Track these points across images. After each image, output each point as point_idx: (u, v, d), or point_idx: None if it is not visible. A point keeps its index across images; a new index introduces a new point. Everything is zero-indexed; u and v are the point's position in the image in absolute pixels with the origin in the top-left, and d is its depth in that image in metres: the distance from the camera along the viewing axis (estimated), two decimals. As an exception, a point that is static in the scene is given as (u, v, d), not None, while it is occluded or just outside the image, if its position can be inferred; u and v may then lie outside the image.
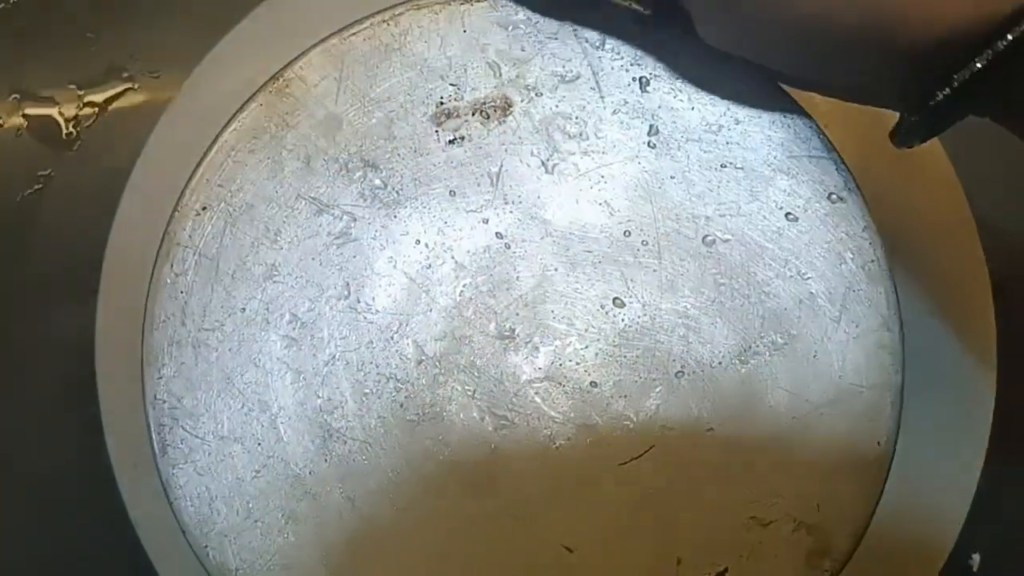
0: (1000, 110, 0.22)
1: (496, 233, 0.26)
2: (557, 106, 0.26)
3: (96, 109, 0.36)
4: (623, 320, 0.26)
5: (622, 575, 0.24)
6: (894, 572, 0.26)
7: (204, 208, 0.26)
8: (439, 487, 0.25)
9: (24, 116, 0.36)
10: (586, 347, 0.25)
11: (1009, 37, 0.19)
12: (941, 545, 0.27)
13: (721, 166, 0.26)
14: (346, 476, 0.25)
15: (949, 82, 0.20)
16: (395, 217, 0.26)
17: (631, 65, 0.26)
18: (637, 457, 0.25)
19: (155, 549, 0.29)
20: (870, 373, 0.25)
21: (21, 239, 0.36)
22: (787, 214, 0.25)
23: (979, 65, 0.19)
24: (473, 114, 0.26)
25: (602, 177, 0.26)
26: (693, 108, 0.26)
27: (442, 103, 0.26)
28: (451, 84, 0.26)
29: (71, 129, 0.36)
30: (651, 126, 0.26)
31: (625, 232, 0.26)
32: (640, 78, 0.26)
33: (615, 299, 0.26)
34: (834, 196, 0.25)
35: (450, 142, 0.26)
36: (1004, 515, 0.30)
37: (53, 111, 0.36)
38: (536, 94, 0.26)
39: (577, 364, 0.25)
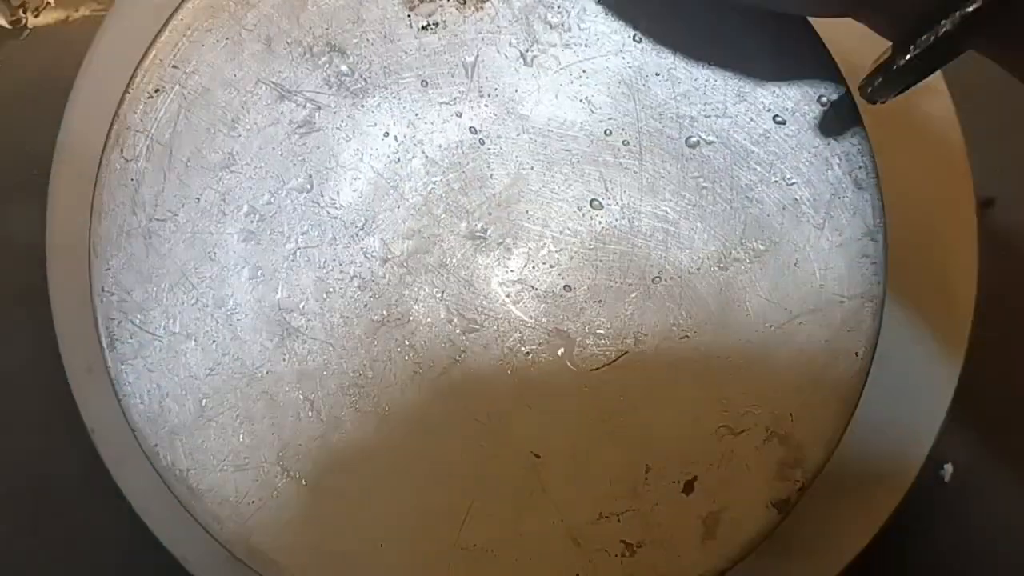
0: (1000, 49, 0.20)
1: (470, 128, 0.24)
2: (538, -6, 0.24)
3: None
4: (600, 223, 0.25)
5: (590, 482, 0.24)
6: (866, 483, 0.26)
7: (157, 90, 0.24)
8: (403, 390, 0.24)
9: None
10: (560, 250, 0.25)
11: None
12: (914, 457, 0.26)
13: (709, 64, 0.24)
14: (305, 376, 0.24)
15: (935, 30, 0.19)
16: (362, 107, 0.24)
17: (618, -51, 0.24)
18: (609, 363, 0.24)
19: (109, 452, 0.28)
20: (852, 283, 0.24)
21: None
22: (775, 116, 0.24)
23: (963, 15, 0.18)
24: (448, -1, 0.24)
25: (584, 72, 0.25)
26: (684, 2, 0.24)
27: (415, -14, 0.24)
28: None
29: (19, 15, 0.34)
30: (638, 19, 0.24)
31: (606, 131, 0.25)
32: (627, -33, 0.24)
33: (592, 201, 0.25)
34: (824, 99, 0.24)
35: (423, 28, 0.24)
36: (976, 426, 0.30)
37: (-2, -1, 0.34)
38: (516, -20, 0.24)
39: (551, 267, 0.25)
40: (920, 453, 0.29)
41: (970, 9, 0.18)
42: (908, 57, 0.19)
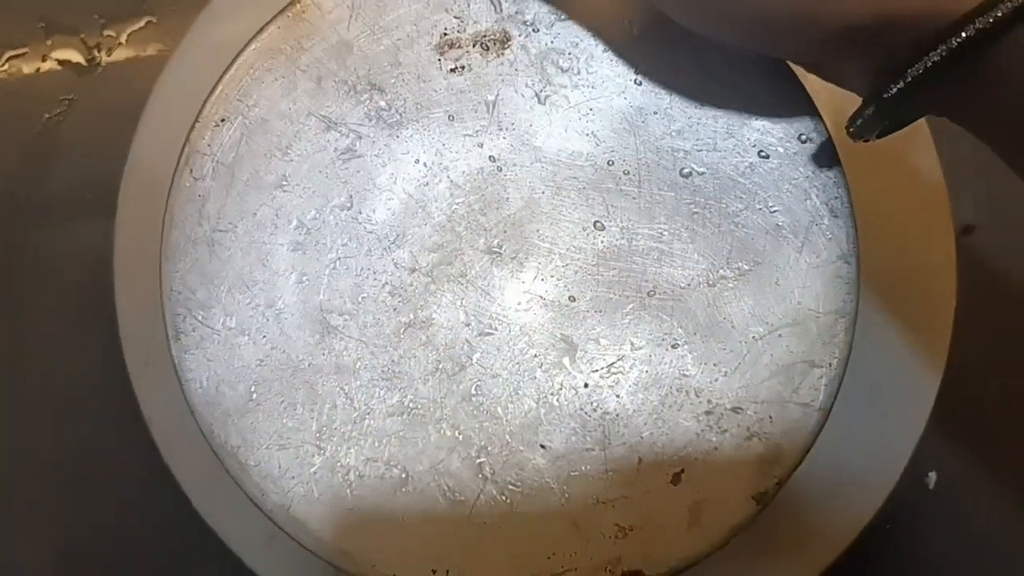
0: (959, 112, 0.23)
1: (489, 156, 0.29)
2: (552, 42, 0.29)
3: (118, 37, 0.39)
4: (602, 242, 0.29)
5: (589, 470, 0.28)
6: (845, 482, 0.29)
7: (223, 120, 0.29)
8: (425, 384, 0.28)
9: (49, 43, 0.40)
10: (567, 265, 0.29)
11: (963, 35, 0.20)
12: (896, 460, 0.30)
13: (701, 104, 0.29)
14: (341, 369, 0.28)
15: (903, 76, 0.22)
16: (397, 137, 0.29)
17: (624, 8, 0.29)
18: (607, 367, 0.28)
19: (164, 439, 0.32)
20: (827, 300, 0.28)
21: (44, 160, 0.40)
22: (759, 151, 0.29)
23: (933, 61, 0.21)
24: (474, 46, 0.29)
25: (590, 110, 0.29)
26: (679, 51, 0.29)
27: (446, 34, 0.29)
28: (455, 17, 0.29)
29: (94, 55, 0.39)
30: (638, 65, 0.29)
31: (609, 161, 0.29)
32: (631, 21, 0.29)
33: (596, 222, 0.29)
34: (804, 136, 0.29)
35: (451, 71, 0.29)
36: (958, 434, 0.33)
37: (77, 38, 0.40)
38: (533, 30, 0.29)
39: (558, 280, 0.29)
40: (902, 456, 0.32)
41: (955, 43, 0.21)
42: (901, 85, 0.22)
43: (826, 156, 0.29)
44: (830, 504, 0.30)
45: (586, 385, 0.28)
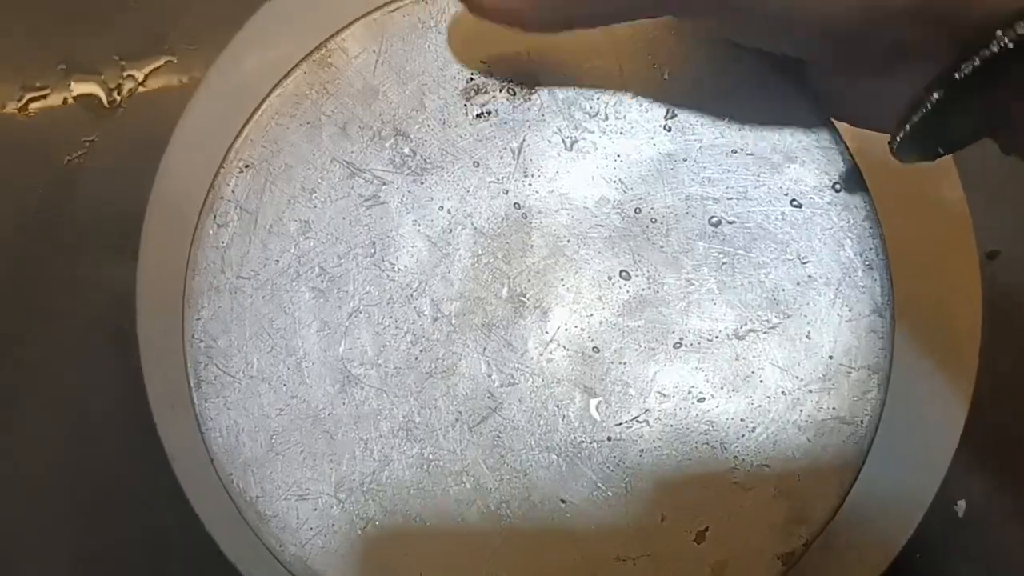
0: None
1: (515, 203, 0.29)
2: (580, 87, 0.29)
3: (138, 78, 0.40)
4: (628, 292, 0.29)
5: (610, 526, 0.28)
6: (873, 541, 0.29)
7: (247, 166, 0.29)
8: (445, 435, 0.28)
9: (70, 85, 0.41)
10: (591, 315, 0.29)
11: None
12: (922, 495, 0.29)
13: (732, 151, 0.29)
14: (361, 419, 0.28)
15: (980, 53, 0.19)
16: (422, 184, 0.29)
17: (653, 53, 0.29)
18: (632, 420, 0.28)
19: (188, 480, 0.33)
20: (859, 355, 0.28)
21: (66, 201, 0.40)
22: (791, 200, 0.28)
23: (1020, 32, 0.18)
24: (500, 91, 0.29)
25: (618, 156, 0.29)
26: (710, 97, 0.29)
27: (472, 79, 0.29)
28: (482, 61, 0.29)
29: (115, 96, 0.40)
30: (668, 110, 0.29)
31: (636, 209, 0.29)
32: (661, 66, 0.29)
33: (622, 271, 0.29)
34: (838, 185, 0.28)
35: (477, 116, 0.29)
36: (988, 462, 0.33)
37: (97, 80, 0.41)
38: (561, 74, 0.29)
39: (582, 330, 0.29)
40: (928, 493, 0.31)
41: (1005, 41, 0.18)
42: (977, 63, 0.19)
43: (860, 205, 0.28)
44: (857, 567, 0.30)
45: (609, 439, 0.28)
